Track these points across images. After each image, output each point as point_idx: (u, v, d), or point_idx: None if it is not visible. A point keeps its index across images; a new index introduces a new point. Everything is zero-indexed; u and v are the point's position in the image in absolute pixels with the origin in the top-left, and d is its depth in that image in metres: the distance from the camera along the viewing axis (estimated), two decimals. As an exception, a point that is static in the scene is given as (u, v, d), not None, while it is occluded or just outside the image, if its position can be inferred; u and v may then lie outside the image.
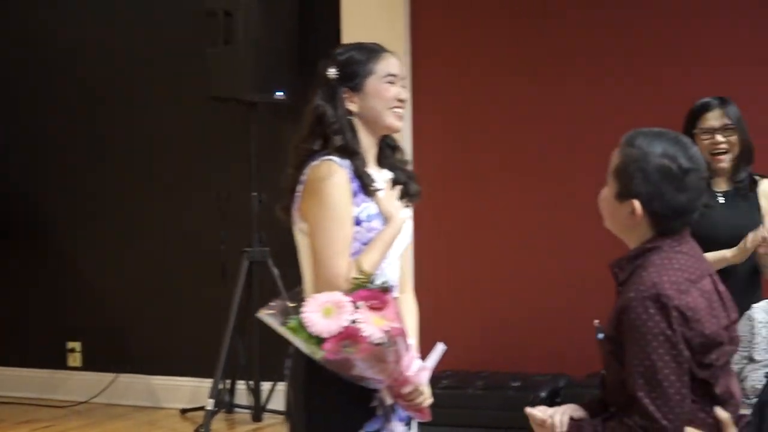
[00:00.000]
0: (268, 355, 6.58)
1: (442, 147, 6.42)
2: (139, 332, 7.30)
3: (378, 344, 3.12)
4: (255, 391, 6.70)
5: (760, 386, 4.10)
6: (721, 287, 2.99)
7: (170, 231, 7.14)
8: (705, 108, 4.62)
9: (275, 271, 6.47)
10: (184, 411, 7.00)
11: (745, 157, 4.62)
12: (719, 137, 4.57)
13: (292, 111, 6.72)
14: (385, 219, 3.40)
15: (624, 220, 2.95)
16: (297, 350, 3.42)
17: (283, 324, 3.22)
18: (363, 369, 3.20)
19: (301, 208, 3.38)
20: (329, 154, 3.37)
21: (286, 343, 3.30)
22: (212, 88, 6.60)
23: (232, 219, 6.82)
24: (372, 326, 3.13)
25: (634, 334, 2.81)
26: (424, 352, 3.39)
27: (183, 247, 7.18)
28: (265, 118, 6.83)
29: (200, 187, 7.06)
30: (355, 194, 3.35)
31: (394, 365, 3.22)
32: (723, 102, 4.63)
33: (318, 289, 3.26)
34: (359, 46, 3.50)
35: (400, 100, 3.47)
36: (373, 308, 3.19)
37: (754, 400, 4.09)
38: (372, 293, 3.21)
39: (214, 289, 6.87)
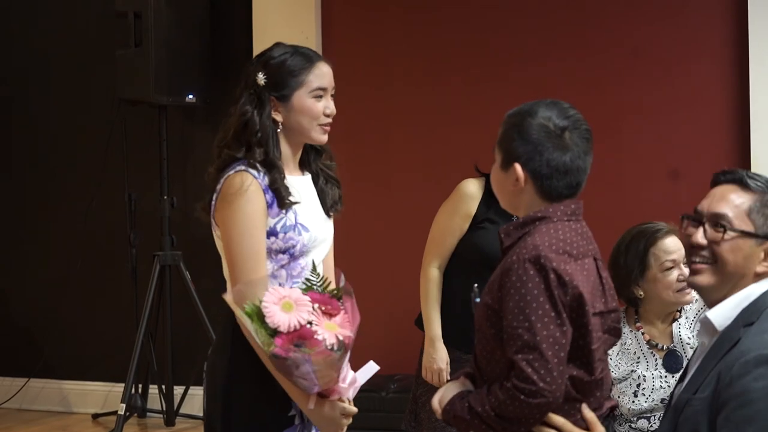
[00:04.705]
0: (180, 360, 6.56)
1: (353, 147, 6.41)
2: (51, 337, 7.19)
3: (331, 350, 3.10)
4: (167, 396, 6.64)
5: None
6: (605, 274, 2.92)
7: (80, 235, 7.04)
8: None
9: (187, 275, 6.45)
10: (96, 416, 6.93)
11: None
12: None
13: (203, 113, 6.74)
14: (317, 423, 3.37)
15: (510, 188, 2.91)
16: (215, 355, 3.43)
17: (241, 307, 3.17)
18: (306, 372, 3.13)
19: (215, 216, 3.37)
20: (247, 164, 3.34)
21: (198, 347, 3.27)
22: (122, 90, 6.55)
23: (143, 222, 6.77)
24: (326, 331, 3.11)
25: (514, 296, 2.76)
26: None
27: (94, 251, 7.10)
28: (176, 121, 6.79)
29: (110, 190, 6.96)
30: (269, 205, 3.33)
31: (336, 373, 3.19)
32: None
33: None
34: (294, 51, 3.41)
35: (327, 115, 3.42)
36: (325, 313, 3.17)
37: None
38: (323, 297, 3.19)
39: (126, 293, 6.82)
